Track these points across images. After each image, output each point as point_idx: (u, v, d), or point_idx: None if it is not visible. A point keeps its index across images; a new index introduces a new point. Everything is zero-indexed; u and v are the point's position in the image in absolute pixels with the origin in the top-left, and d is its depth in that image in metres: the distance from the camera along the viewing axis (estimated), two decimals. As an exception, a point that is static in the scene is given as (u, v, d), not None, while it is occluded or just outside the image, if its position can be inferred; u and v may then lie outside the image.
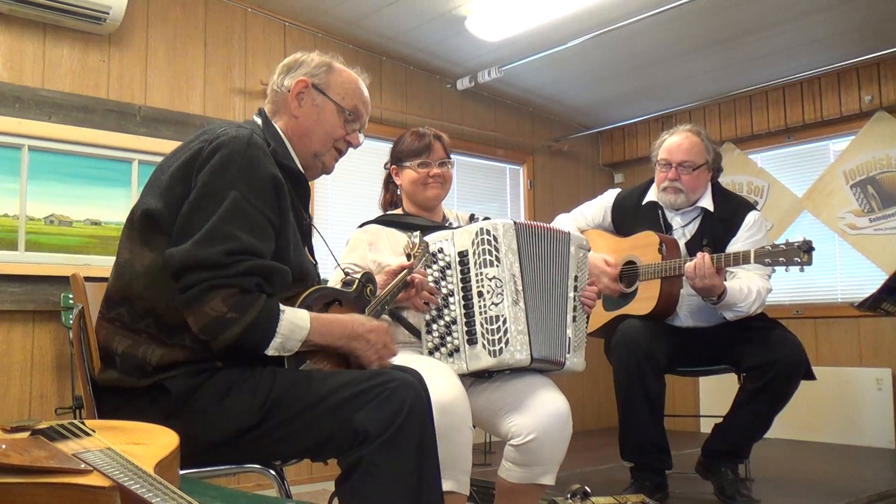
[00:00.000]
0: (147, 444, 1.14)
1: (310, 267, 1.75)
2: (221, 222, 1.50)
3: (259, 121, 1.80)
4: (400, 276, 2.07)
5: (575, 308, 2.32)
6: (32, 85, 3.33)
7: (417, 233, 2.21)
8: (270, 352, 1.54)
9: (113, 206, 3.40)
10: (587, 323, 2.43)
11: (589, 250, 2.46)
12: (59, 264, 3.29)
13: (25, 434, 1.13)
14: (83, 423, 1.18)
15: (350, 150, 1.92)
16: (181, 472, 1.23)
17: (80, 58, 3.49)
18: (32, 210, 3.28)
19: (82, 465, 0.98)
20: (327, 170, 1.88)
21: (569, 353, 2.27)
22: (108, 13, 3.36)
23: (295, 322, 1.56)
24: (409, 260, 2.14)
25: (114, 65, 3.59)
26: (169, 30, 3.77)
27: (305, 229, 1.82)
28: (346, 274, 1.98)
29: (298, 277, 1.66)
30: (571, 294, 2.31)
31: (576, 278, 2.33)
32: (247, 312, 1.48)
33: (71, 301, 3.20)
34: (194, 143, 1.63)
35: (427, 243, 2.22)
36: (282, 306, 1.55)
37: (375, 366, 1.70)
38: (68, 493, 0.93)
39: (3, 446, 1.02)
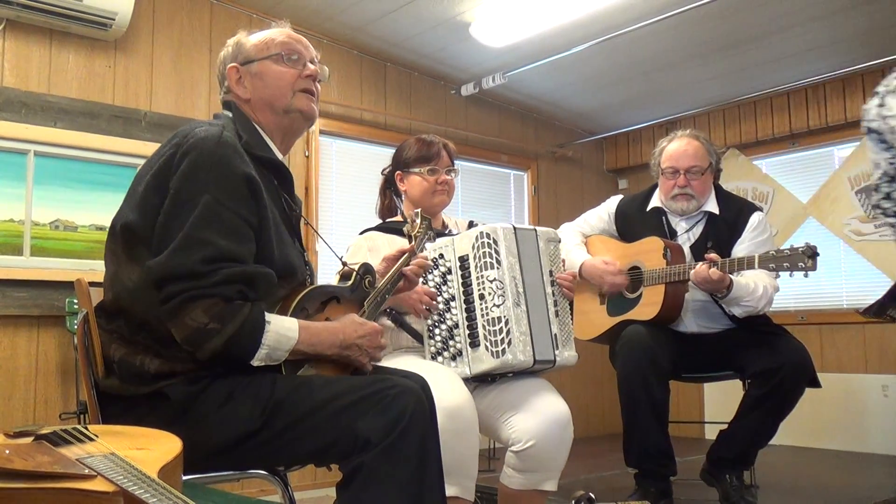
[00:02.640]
0: (150, 449, 1.14)
1: (296, 261, 1.70)
2: (196, 229, 1.47)
3: (229, 114, 1.76)
4: (401, 260, 2.04)
5: (556, 303, 2.32)
6: (38, 90, 3.35)
7: (419, 210, 2.20)
8: (256, 362, 1.51)
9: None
10: (571, 314, 2.41)
11: (559, 241, 2.44)
12: (64, 269, 3.29)
13: (29, 439, 1.13)
14: (86, 428, 1.19)
15: (354, 151, 1.89)
16: (184, 477, 1.23)
17: (86, 63, 3.51)
18: (38, 215, 3.29)
19: (86, 471, 0.98)
20: (306, 114, 1.78)
21: (557, 349, 2.27)
22: (113, 19, 3.37)
23: (282, 332, 1.53)
24: (410, 242, 2.12)
25: (119, 70, 3.60)
26: (174, 36, 3.78)
27: (294, 220, 1.78)
28: (344, 264, 1.95)
29: (284, 274, 1.63)
30: (549, 289, 2.31)
31: (550, 273, 2.34)
32: (229, 323, 1.45)
33: (76, 306, 3.21)
34: (166, 149, 1.59)
35: (429, 219, 2.20)
36: (268, 316, 1.52)
37: (368, 367, 1.70)
38: (72, 498, 0.93)
39: (7, 451, 1.02)
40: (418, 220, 2.16)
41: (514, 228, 2.25)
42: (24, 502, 0.93)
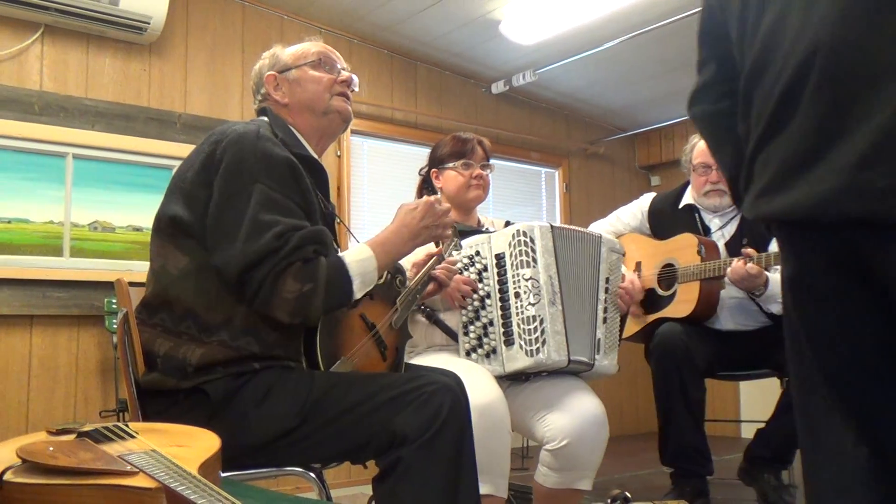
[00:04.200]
0: (190, 446, 1.16)
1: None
2: (259, 214, 1.53)
3: (265, 118, 1.81)
4: (429, 263, 2.07)
5: (606, 310, 2.30)
6: (76, 94, 3.40)
7: None
8: (358, 294, 1.61)
9: (154, 213, 3.45)
10: (621, 326, 2.40)
11: (623, 255, 2.44)
12: (102, 270, 3.35)
13: (71, 436, 1.15)
14: (127, 426, 1.20)
15: (385, 150, 1.93)
16: (222, 474, 1.25)
17: (122, 67, 3.56)
18: (77, 217, 3.35)
19: (128, 467, 0.99)
20: (344, 115, 1.87)
21: (598, 354, 2.25)
22: (148, 23, 3.42)
23: (360, 259, 1.62)
24: (437, 246, 2.14)
25: (154, 73, 3.65)
26: (207, 38, 3.82)
27: (329, 218, 1.83)
28: None
29: None
30: (602, 296, 2.30)
31: (607, 280, 2.32)
32: (318, 277, 1.53)
33: (114, 306, 3.26)
34: (206, 146, 1.65)
35: (456, 227, 2.22)
36: (341, 253, 1.62)
37: (448, 231, 1.80)
38: (115, 495, 0.94)
39: (51, 448, 1.04)
40: None
41: (552, 227, 2.24)
42: (69, 498, 0.95)
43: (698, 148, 2.98)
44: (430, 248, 2.17)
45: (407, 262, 2.26)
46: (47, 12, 3.24)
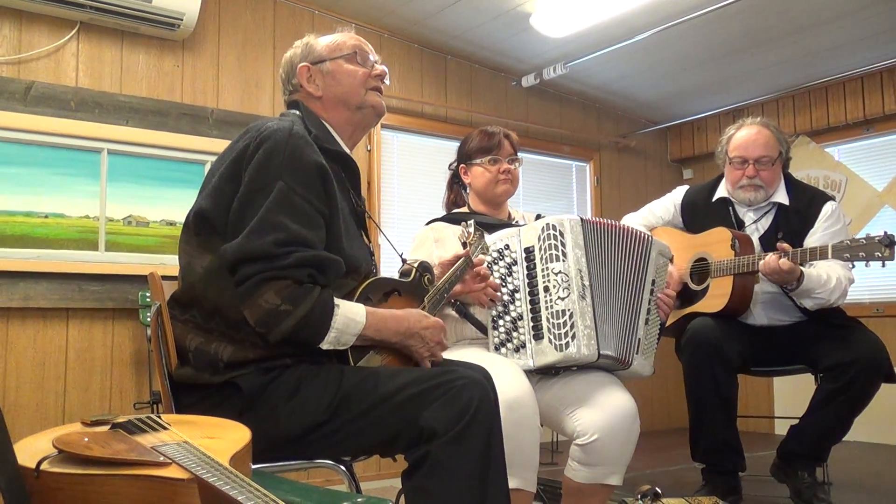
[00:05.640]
0: (221, 438, 1.17)
1: (361, 255, 1.74)
2: (269, 213, 1.52)
3: (297, 112, 1.80)
4: (457, 264, 2.08)
5: (649, 311, 2.28)
6: (111, 90, 3.45)
7: (472, 221, 2.22)
8: (325, 346, 1.56)
9: (187, 207, 3.42)
10: (661, 330, 2.38)
11: (671, 259, 2.41)
12: (136, 264, 3.40)
13: (106, 427, 1.17)
14: (160, 418, 1.22)
15: (415, 144, 1.92)
16: (253, 466, 1.26)
17: (156, 63, 3.61)
18: (111, 211, 3.40)
19: (161, 458, 1.01)
20: (378, 110, 1.86)
21: (636, 353, 2.23)
22: (181, 19, 3.46)
23: (350, 316, 1.57)
24: (464, 248, 2.14)
25: (187, 69, 3.69)
26: (239, 34, 3.85)
27: (359, 214, 1.82)
28: (404, 262, 1.99)
29: (349, 268, 1.66)
30: (647, 297, 2.27)
31: (653, 282, 2.30)
32: (301, 305, 1.50)
33: (148, 299, 3.31)
34: (239, 143, 1.65)
35: (482, 231, 2.22)
36: (337, 300, 1.57)
37: (427, 362, 1.73)
38: (149, 485, 0.96)
39: (86, 439, 1.06)
40: (472, 230, 2.18)
41: (582, 220, 2.22)
42: (103, 488, 0.97)
43: (735, 140, 2.93)
44: (458, 248, 2.18)
45: (445, 247, 2.25)
46: (83, 10, 3.29)
